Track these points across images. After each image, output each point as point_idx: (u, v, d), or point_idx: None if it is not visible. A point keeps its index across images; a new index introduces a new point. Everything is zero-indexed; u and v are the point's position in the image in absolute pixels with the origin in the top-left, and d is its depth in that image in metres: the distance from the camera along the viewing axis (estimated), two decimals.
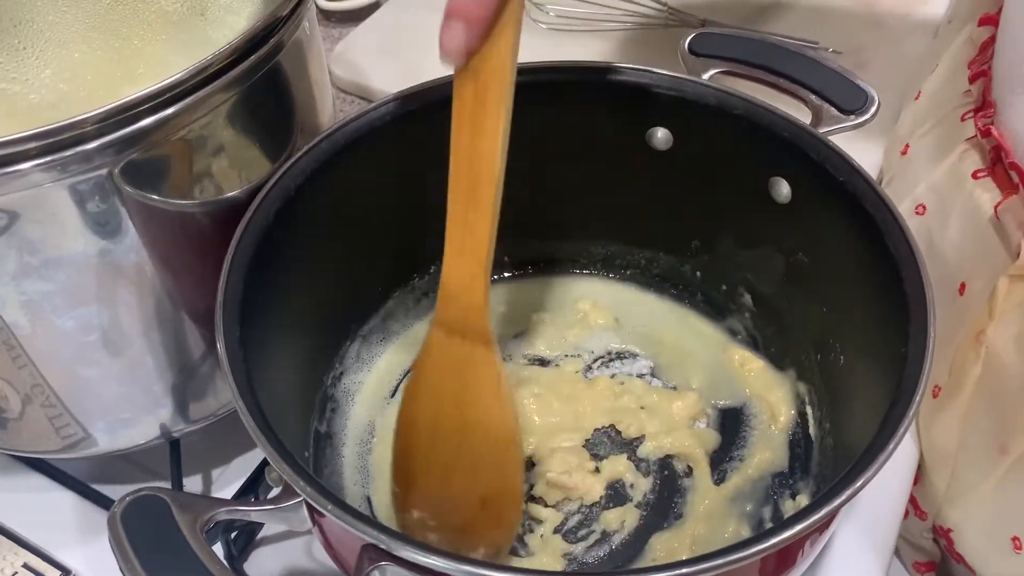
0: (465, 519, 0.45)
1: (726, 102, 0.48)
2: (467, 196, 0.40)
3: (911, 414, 0.36)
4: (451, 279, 0.42)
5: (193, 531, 0.33)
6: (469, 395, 0.43)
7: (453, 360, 0.43)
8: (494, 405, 0.43)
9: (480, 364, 0.43)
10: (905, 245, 0.41)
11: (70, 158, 0.37)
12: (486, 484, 0.44)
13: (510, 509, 0.45)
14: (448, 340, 0.43)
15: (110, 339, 0.44)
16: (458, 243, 0.41)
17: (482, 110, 0.39)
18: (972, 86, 0.50)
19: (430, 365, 0.44)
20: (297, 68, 0.46)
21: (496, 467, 0.44)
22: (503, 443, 0.44)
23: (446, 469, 0.45)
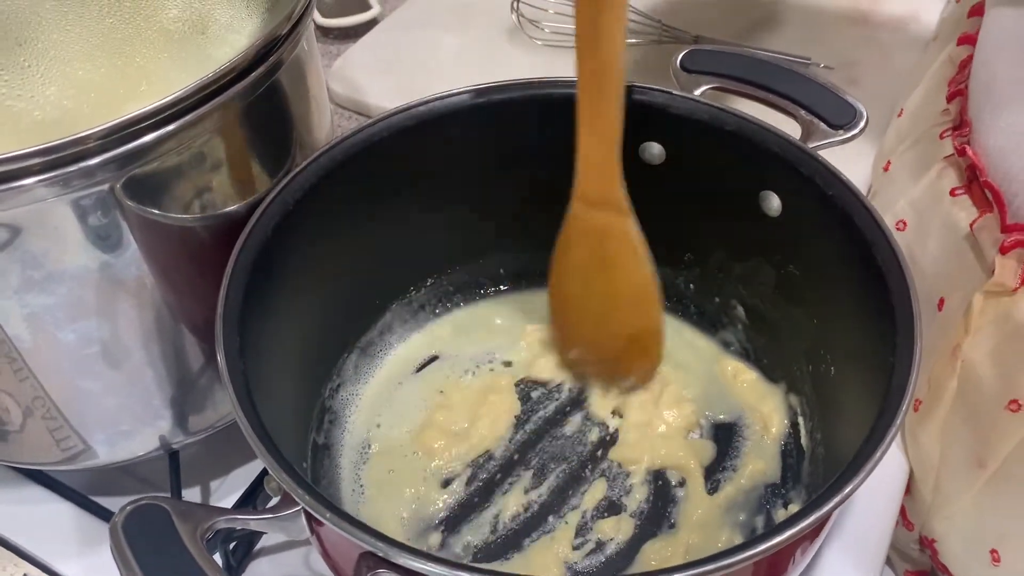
0: (618, 353, 0.53)
1: (717, 117, 0.49)
2: (594, 87, 0.45)
3: (898, 422, 0.37)
4: (587, 157, 0.47)
5: (193, 539, 0.34)
6: (611, 255, 0.50)
7: (594, 227, 0.49)
8: (633, 261, 0.49)
9: (617, 229, 0.49)
10: (892, 257, 0.42)
11: (73, 174, 0.37)
12: (633, 324, 0.52)
13: (654, 342, 0.53)
14: (588, 210, 0.49)
15: (110, 352, 0.45)
16: (590, 126, 0.46)
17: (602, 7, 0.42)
18: (950, 105, 0.51)
19: (575, 231, 0.50)
20: (296, 85, 0.47)
21: (640, 310, 0.51)
22: (644, 290, 0.50)
23: (598, 316, 0.52)
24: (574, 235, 0.50)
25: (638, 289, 0.50)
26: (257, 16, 0.45)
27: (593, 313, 0.52)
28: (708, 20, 0.83)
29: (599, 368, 0.54)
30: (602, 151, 0.46)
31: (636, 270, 0.50)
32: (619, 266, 0.50)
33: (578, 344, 0.54)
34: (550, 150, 0.52)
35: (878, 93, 0.73)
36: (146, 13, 0.44)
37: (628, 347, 0.53)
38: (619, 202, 0.48)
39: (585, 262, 0.50)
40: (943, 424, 0.49)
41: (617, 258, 0.50)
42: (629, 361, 0.53)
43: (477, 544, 0.49)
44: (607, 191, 0.48)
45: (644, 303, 0.51)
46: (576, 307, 0.53)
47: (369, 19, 0.88)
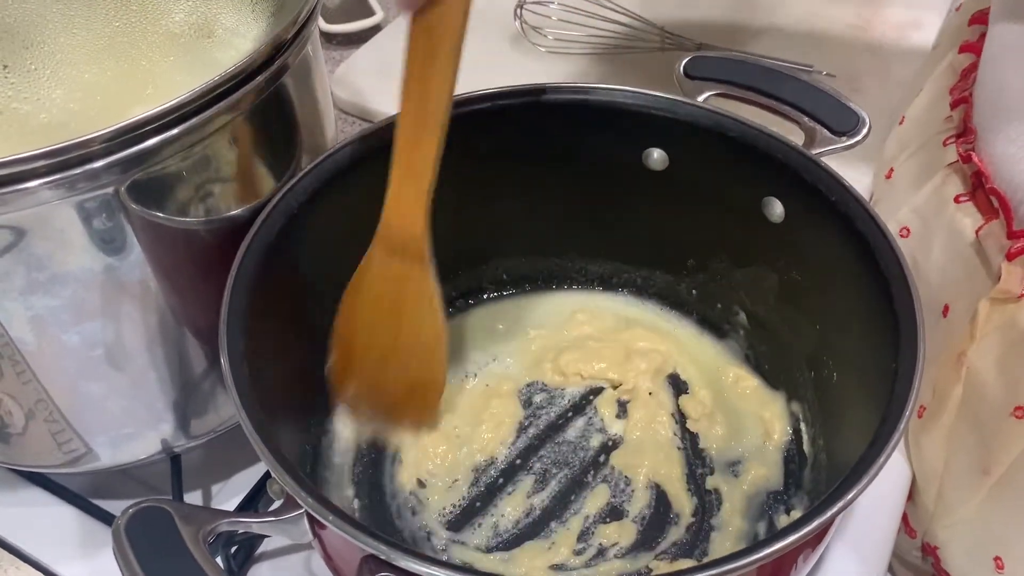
0: (395, 400, 0.51)
1: (721, 124, 0.49)
2: (414, 133, 0.44)
3: (901, 429, 0.37)
4: (394, 204, 0.45)
5: (196, 542, 0.34)
6: (404, 306, 0.48)
7: (392, 275, 0.47)
8: (427, 315, 0.48)
9: (416, 281, 0.47)
10: (896, 264, 0.42)
11: (77, 176, 0.37)
12: (415, 374, 0.50)
13: (432, 396, 0.51)
14: (388, 258, 0.47)
15: (114, 354, 0.45)
16: (403, 172, 0.44)
17: (433, 60, 0.42)
18: (954, 112, 0.51)
19: (370, 276, 0.48)
20: (301, 89, 0.47)
21: (425, 361, 0.50)
22: (432, 343, 0.49)
23: (380, 361, 0.50)
24: (369, 278, 0.48)
25: (426, 341, 0.49)
26: (263, 20, 0.45)
27: (376, 356, 0.50)
28: (711, 28, 0.84)
29: (374, 408, 0.52)
30: (413, 192, 0.45)
31: (427, 323, 0.48)
32: (410, 316, 0.48)
33: (357, 383, 0.51)
34: (552, 155, 0.53)
35: (879, 100, 0.74)
36: (152, 17, 0.44)
37: (407, 395, 0.51)
38: (421, 252, 0.46)
39: (376, 306, 0.48)
40: (947, 431, 0.49)
41: (409, 308, 0.48)
42: (405, 408, 0.52)
43: (479, 547, 0.49)
44: (410, 237, 0.46)
45: (430, 355, 0.49)
46: (361, 347, 0.50)
47: (372, 25, 0.88)
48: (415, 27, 0.41)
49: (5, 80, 0.41)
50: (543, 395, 0.56)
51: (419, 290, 0.47)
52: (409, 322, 0.48)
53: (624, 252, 0.59)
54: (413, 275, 0.47)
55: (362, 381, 0.51)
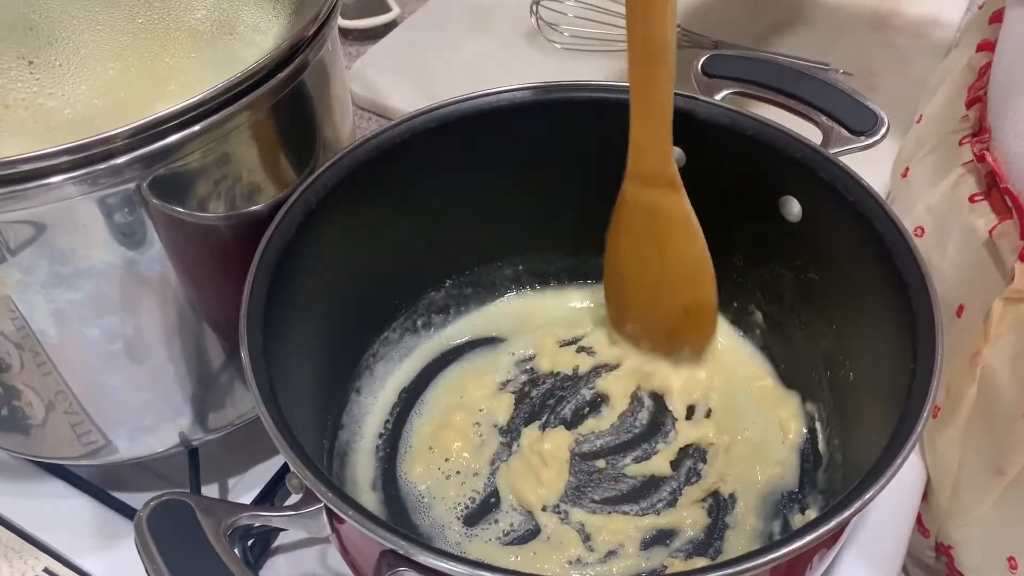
0: (671, 327, 0.54)
1: (738, 122, 0.49)
2: (645, 72, 0.46)
3: (919, 429, 0.37)
4: (640, 138, 0.48)
5: (217, 535, 0.34)
6: (665, 231, 0.50)
7: (648, 204, 0.50)
8: (686, 236, 0.50)
9: (672, 204, 0.49)
10: (914, 264, 0.42)
11: (100, 172, 0.38)
12: (686, 299, 0.53)
13: (708, 315, 0.53)
14: (641, 189, 0.50)
15: (133, 348, 0.45)
16: (643, 102, 0.47)
17: None
18: (969, 111, 0.51)
19: (628, 211, 0.51)
20: (320, 86, 0.47)
21: (694, 284, 0.52)
22: (697, 265, 0.51)
23: (652, 292, 0.53)
24: (628, 213, 0.51)
25: (691, 263, 0.51)
26: (284, 17, 0.45)
27: (648, 289, 0.53)
28: (728, 25, 0.83)
29: (654, 343, 0.55)
30: (656, 128, 0.47)
31: (689, 245, 0.50)
32: (672, 241, 0.51)
33: (633, 319, 0.55)
34: (569, 152, 0.53)
35: (897, 99, 0.73)
36: (175, 13, 0.45)
37: (682, 321, 0.53)
38: (672, 178, 0.49)
39: (639, 239, 0.51)
40: (962, 431, 0.49)
41: (670, 234, 0.50)
42: (683, 335, 0.54)
43: (496, 541, 0.49)
44: (661, 168, 0.48)
45: (698, 277, 0.51)
46: (631, 283, 0.54)
47: (389, 21, 0.88)
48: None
49: (30, 76, 0.41)
50: (559, 387, 0.56)
51: (677, 214, 0.49)
52: (672, 248, 0.51)
53: None
54: (668, 200, 0.49)
55: (638, 316, 0.54)
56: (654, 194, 0.49)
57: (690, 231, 0.50)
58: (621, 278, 0.54)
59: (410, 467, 0.52)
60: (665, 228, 0.50)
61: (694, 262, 0.51)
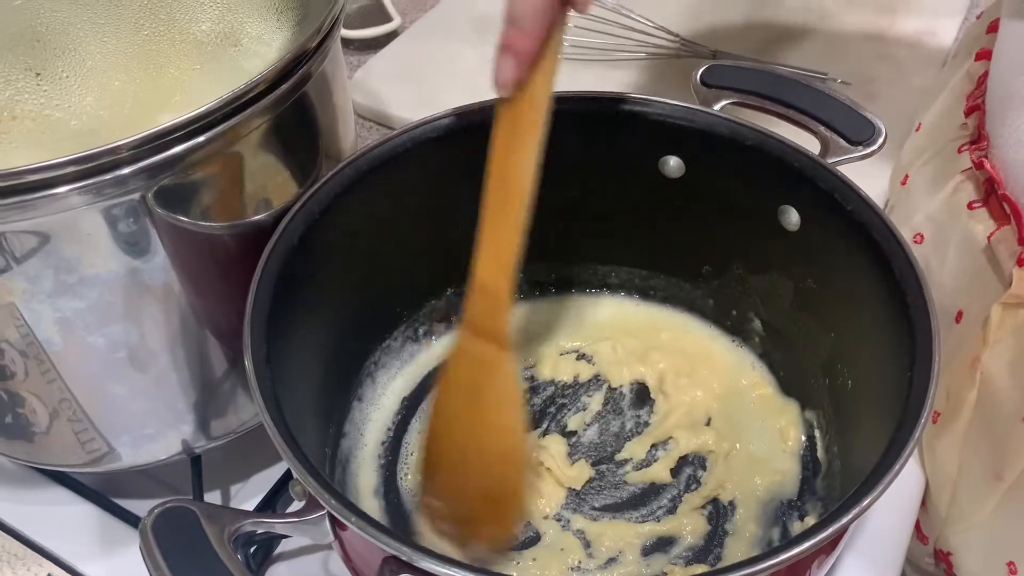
0: (469, 512, 0.48)
1: (737, 132, 0.50)
2: (499, 208, 0.44)
3: (916, 436, 0.37)
4: (479, 281, 0.45)
5: (221, 541, 0.34)
6: (484, 392, 0.46)
7: (474, 357, 0.46)
8: (505, 406, 0.46)
9: (496, 364, 0.46)
10: (911, 272, 0.42)
11: (106, 182, 0.38)
12: (490, 478, 0.47)
13: (511, 508, 0.48)
14: (472, 339, 0.46)
15: (137, 356, 0.46)
16: (489, 249, 0.44)
17: (519, 134, 0.43)
18: (968, 119, 0.52)
19: (455, 361, 0.47)
20: (323, 97, 0.47)
21: (501, 463, 0.47)
22: (510, 442, 0.46)
23: (460, 455, 0.47)
24: (456, 363, 0.47)
25: (504, 436, 0.46)
26: (287, 29, 0.46)
27: (457, 451, 0.47)
28: (727, 35, 0.84)
29: (450, 526, 0.48)
30: (495, 276, 0.45)
31: (506, 414, 0.46)
32: (491, 405, 0.46)
33: (436, 492, 0.49)
34: (569, 161, 0.52)
35: (895, 108, 0.74)
36: (180, 25, 0.45)
37: (482, 506, 0.47)
38: (503, 337, 0.45)
39: (459, 393, 0.47)
40: (961, 436, 0.49)
41: (490, 395, 0.46)
42: (480, 524, 0.48)
43: None
44: (494, 323, 0.46)
45: (507, 454, 0.47)
46: (444, 443, 0.48)
47: (390, 31, 0.89)
48: (504, 112, 0.42)
49: (38, 88, 0.42)
50: (559, 394, 0.56)
51: (498, 375, 0.46)
52: (490, 412, 0.47)
53: (639, 258, 0.59)
54: (493, 356, 0.46)
55: (443, 489, 0.48)
56: (483, 348, 0.46)
57: (511, 401, 0.46)
58: (436, 436, 0.48)
59: (412, 475, 0.52)
60: (487, 388, 0.46)
61: (507, 437, 0.46)
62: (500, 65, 0.40)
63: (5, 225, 0.38)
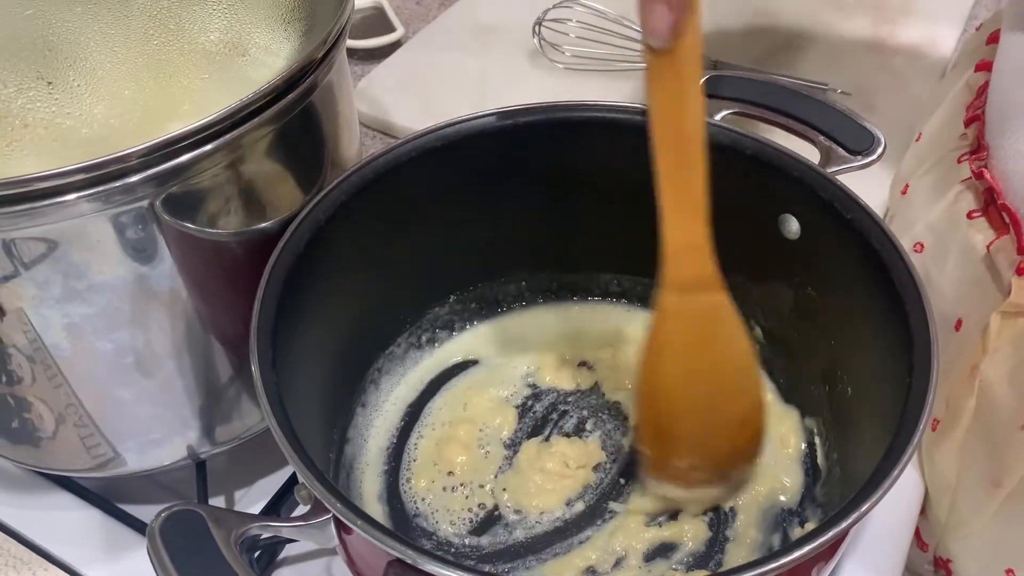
0: (731, 447, 0.48)
1: (738, 142, 0.50)
2: (678, 159, 0.42)
3: (915, 442, 0.37)
4: (676, 239, 0.44)
5: (228, 544, 0.35)
6: (715, 338, 0.46)
7: (694, 312, 0.45)
8: (736, 335, 0.46)
9: (720, 305, 0.46)
10: (910, 281, 0.43)
11: (114, 190, 0.38)
12: (741, 406, 0.48)
13: (763, 416, 0.49)
14: (684, 297, 0.45)
15: (144, 361, 0.46)
16: (675, 203, 0.43)
17: (684, 81, 0.41)
18: (968, 129, 0.52)
19: (672, 325, 0.46)
20: (329, 106, 0.48)
21: (748, 386, 0.48)
22: (749, 362, 0.47)
23: (706, 409, 0.47)
24: (671, 327, 0.46)
25: (744, 364, 0.47)
26: (294, 39, 0.46)
27: (702, 406, 0.47)
28: (727, 45, 0.85)
29: (706, 472, 0.49)
30: (694, 228, 0.43)
31: (738, 344, 0.47)
32: (724, 347, 0.46)
33: (683, 450, 0.48)
34: (569, 172, 0.54)
35: (895, 118, 0.74)
36: (189, 35, 0.46)
37: (740, 434, 0.48)
38: (716, 279, 0.45)
39: (686, 354, 0.46)
40: (960, 444, 0.49)
41: (721, 339, 0.46)
42: (743, 449, 0.49)
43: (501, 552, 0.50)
44: (704, 268, 0.44)
45: (751, 377, 0.48)
46: (681, 406, 0.47)
47: (393, 41, 0.89)
48: (662, 64, 0.40)
49: (50, 96, 0.42)
50: (561, 401, 0.57)
51: (725, 315, 0.46)
52: (725, 354, 0.46)
53: (640, 266, 0.58)
54: (716, 302, 0.45)
55: (693, 450, 0.48)
56: (700, 299, 0.45)
57: (738, 330, 0.46)
58: (667, 406, 0.47)
59: (415, 480, 0.53)
60: (715, 334, 0.46)
61: (746, 361, 0.47)
62: (654, 14, 0.38)
63: (15, 232, 0.39)
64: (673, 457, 0.49)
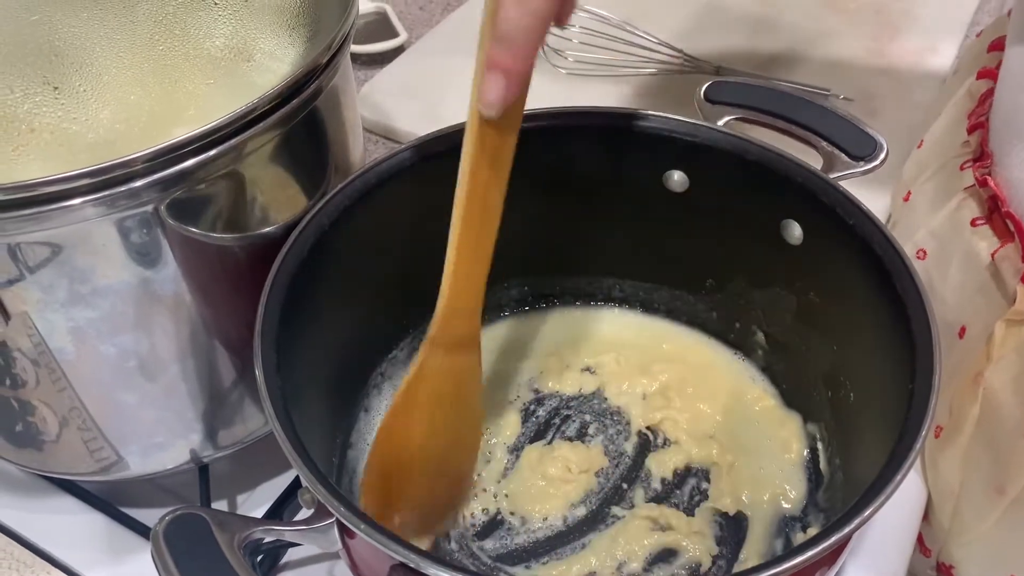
0: (436, 501, 0.50)
1: (740, 147, 0.50)
2: (476, 228, 0.43)
3: (917, 447, 0.37)
4: (454, 302, 0.45)
5: (231, 548, 0.35)
6: (463, 393, 0.48)
7: (453, 369, 0.47)
8: (477, 400, 0.49)
9: (475, 366, 0.48)
10: (912, 287, 0.43)
11: (119, 195, 0.38)
12: (463, 462, 0.51)
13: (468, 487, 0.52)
14: (448, 355, 0.46)
15: (147, 365, 0.46)
16: (465, 269, 0.44)
17: (501, 156, 0.42)
18: (970, 137, 0.52)
19: (428, 382, 0.47)
20: (333, 111, 0.48)
21: (473, 443, 0.51)
22: (476, 432, 0.51)
23: (440, 462, 0.49)
24: (426, 385, 0.47)
25: (478, 421, 0.50)
26: (299, 45, 0.46)
27: (436, 460, 0.49)
28: (730, 51, 0.85)
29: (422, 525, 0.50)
30: (474, 294, 0.45)
31: (477, 410, 0.50)
32: (468, 403, 0.49)
33: (406, 503, 0.49)
34: (574, 175, 0.54)
35: (897, 124, 0.74)
36: (194, 41, 0.46)
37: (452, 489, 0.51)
38: (476, 338, 0.47)
39: (434, 410, 0.47)
40: (964, 451, 0.49)
41: (468, 395, 0.49)
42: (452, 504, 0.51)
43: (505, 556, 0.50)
44: (471, 332, 0.47)
45: (473, 445, 0.51)
46: (417, 462, 0.48)
47: (396, 46, 0.89)
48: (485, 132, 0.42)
49: (55, 101, 0.42)
50: (563, 406, 0.57)
51: (475, 376, 0.48)
52: (467, 409, 0.49)
53: (643, 271, 0.59)
54: (473, 361, 0.48)
55: (410, 500, 0.49)
56: (460, 359, 0.47)
57: (479, 395, 0.49)
58: (401, 461, 0.48)
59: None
60: (464, 390, 0.48)
61: (479, 418, 0.51)
62: (490, 85, 0.40)
63: (20, 236, 0.39)
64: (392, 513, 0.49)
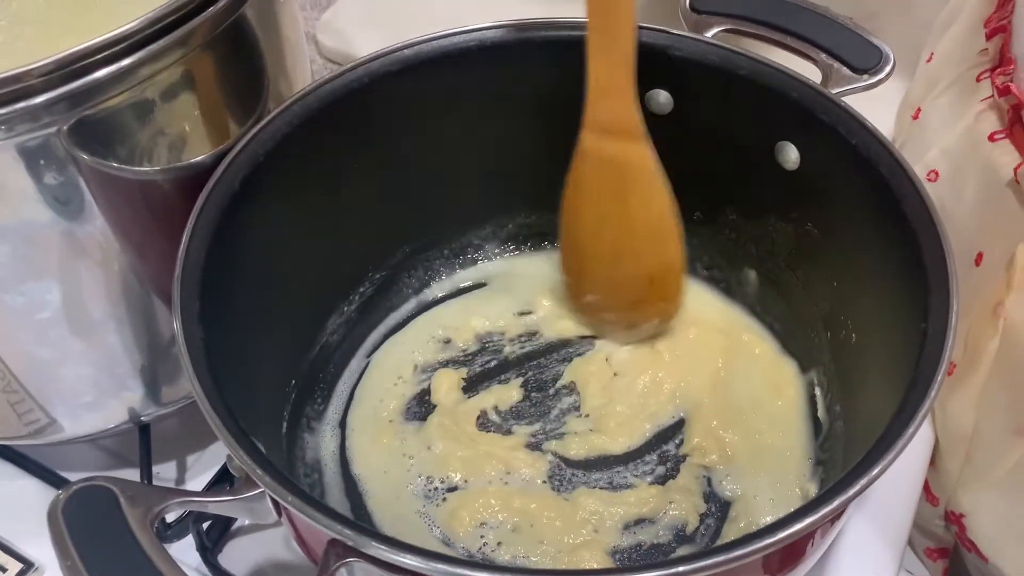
0: (636, 297, 0.51)
1: (730, 61, 0.47)
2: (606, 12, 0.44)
3: (932, 396, 0.34)
4: (598, 80, 0.45)
5: (143, 524, 0.31)
6: (629, 187, 0.48)
7: (610, 157, 0.47)
8: (651, 191, 0.48)
9: (637, 156, 0.47)
10: (924, 211, 0.40)
11: (14, 114, 0.35)
12: (651, 263, 0.50)
13: (675, 280, 0.51)
14: (602, 140, 0.47)
15: (65, 317, 0.43)
16: (601, 45, 0.44)
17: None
18: (989, 43, 0.49)
19: (587, 165, 0.48)
20: (266, 24, 0.44)
21: (659, 244, 0.50)
22: (664, 224, 0.49)
23: (615, 254, 0.50)
24: (587, 168, 0.48)
25: (657, 223, 0.49)
26: None
27: (609, 251, 0.50)
28: None
29: (617, 315, 0.52)
30: (617, 72, 0.45)
31: (654, 200, 0.48)
32: (637, 199, 0.48)
33: (593, 288, 0.52)
34: (546, 97, 0.50)
35: (900, 42, 0.70)
36: None
37: (647, 289, 0.51)
38: (637, 126, 0.46)
39: (600, 197, 0.49)
40: (979, 390, 0.47)
41: (635, 190, 0.48)
42: (650, 303, 0.52)
43: None
44: (623, 117, 0.46)
45: (663, 238, 0.49)
46: (591, 246, 0.51)
47: None
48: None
49: None
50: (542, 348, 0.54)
51: (641, 167, 0.47)
52: (637, 206, 0.48)
53: None
54: (632, 152, 0.47)
55: (599, 284, 0.52)
56: (616, 146, 0.47)
57: (656, 187, 0.47)
58: (580, 242, 0.51)
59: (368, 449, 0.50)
60: (629, 184, 0.48)
61: (660, 221, 0.49)
62: None
63: None
64: (583, 292, 0.53)
